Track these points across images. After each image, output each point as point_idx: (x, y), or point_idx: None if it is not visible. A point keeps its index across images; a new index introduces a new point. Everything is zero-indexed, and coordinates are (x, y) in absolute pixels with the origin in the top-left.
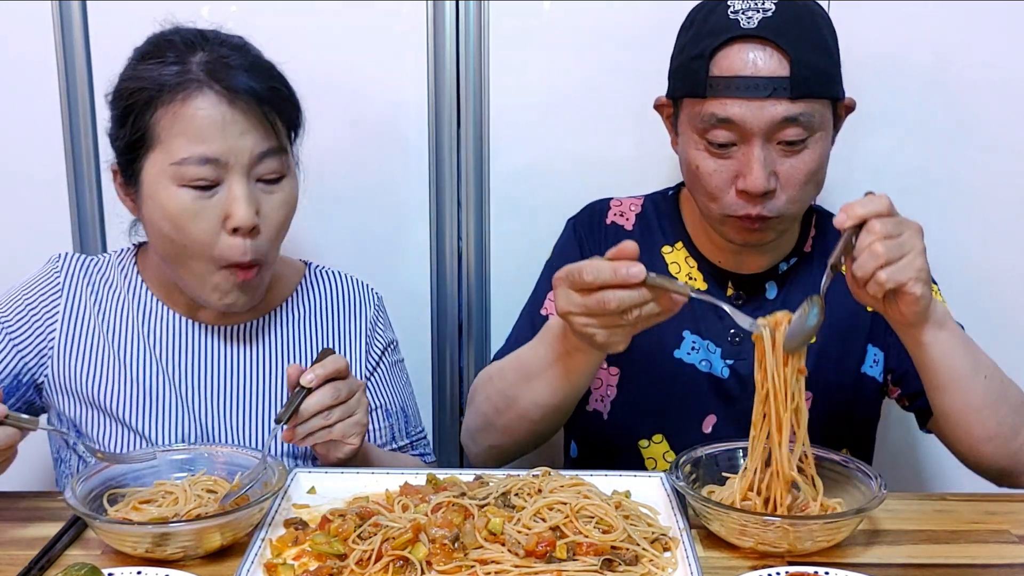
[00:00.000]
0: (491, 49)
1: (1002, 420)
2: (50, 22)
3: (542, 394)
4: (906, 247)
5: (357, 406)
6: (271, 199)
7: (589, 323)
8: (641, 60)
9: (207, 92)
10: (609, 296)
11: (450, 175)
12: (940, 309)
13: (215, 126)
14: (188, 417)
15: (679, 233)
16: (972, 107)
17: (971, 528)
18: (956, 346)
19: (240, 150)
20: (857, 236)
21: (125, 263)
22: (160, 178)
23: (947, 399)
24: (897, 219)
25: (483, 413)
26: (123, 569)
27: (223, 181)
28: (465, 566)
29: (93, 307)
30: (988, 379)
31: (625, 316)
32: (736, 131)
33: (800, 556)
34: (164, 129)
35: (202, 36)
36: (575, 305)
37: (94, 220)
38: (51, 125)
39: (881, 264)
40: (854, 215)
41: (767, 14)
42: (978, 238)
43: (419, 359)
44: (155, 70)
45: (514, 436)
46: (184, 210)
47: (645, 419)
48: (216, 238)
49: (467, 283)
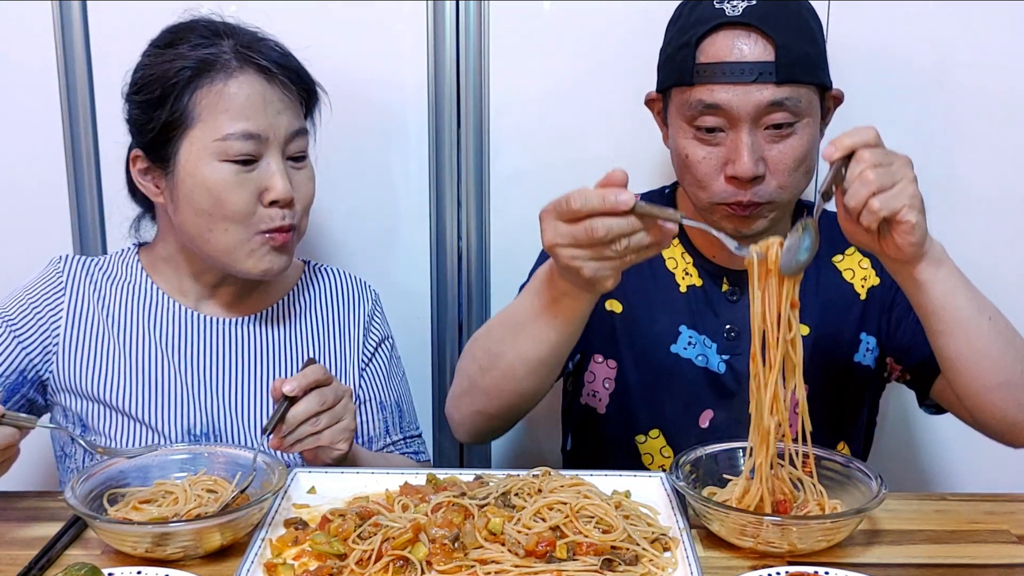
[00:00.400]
0: (491, 49)
1: (1011, 365)
2: (50, 22)
3: (528, 347)
4: (897, 175)
5: (344, 412)
6: (299, 174)
7: (577, 254)
8: (641, 60)
9: (247, 70)
10: (597, 224)
11: (450, 175)
12: (937, 246)
13: (258, 103)
14: (195, 409)
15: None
16: (972, 107)
17: (971, 528)
18: (957, 284)
19: (278, 127)
20: (847, 168)
21: (128, 260)
22: (202, 154)
23: (952, 343)
24: (885, 150)
25: (468, 374)
26: (123, 569)
27: (262, 156)
28: (465, 566)
29: (97, 303)
30: (993, 321)
31: (614, 246)
32: (724, 116)
33: (800, 556)
34: (206, 108)
35: (224, 24)
36: (562, 236)
37: (94, 220)
38: (51, 125)
39: (873, 191)
40: (842, 146)
41: (751, 2)
42: (978, 238)
43: (419, 359)
44: (189, 52)
45: (499, 398)
46: (226, 182)
47: (641, 414)
48: (254, 208)
49: (467, 283)
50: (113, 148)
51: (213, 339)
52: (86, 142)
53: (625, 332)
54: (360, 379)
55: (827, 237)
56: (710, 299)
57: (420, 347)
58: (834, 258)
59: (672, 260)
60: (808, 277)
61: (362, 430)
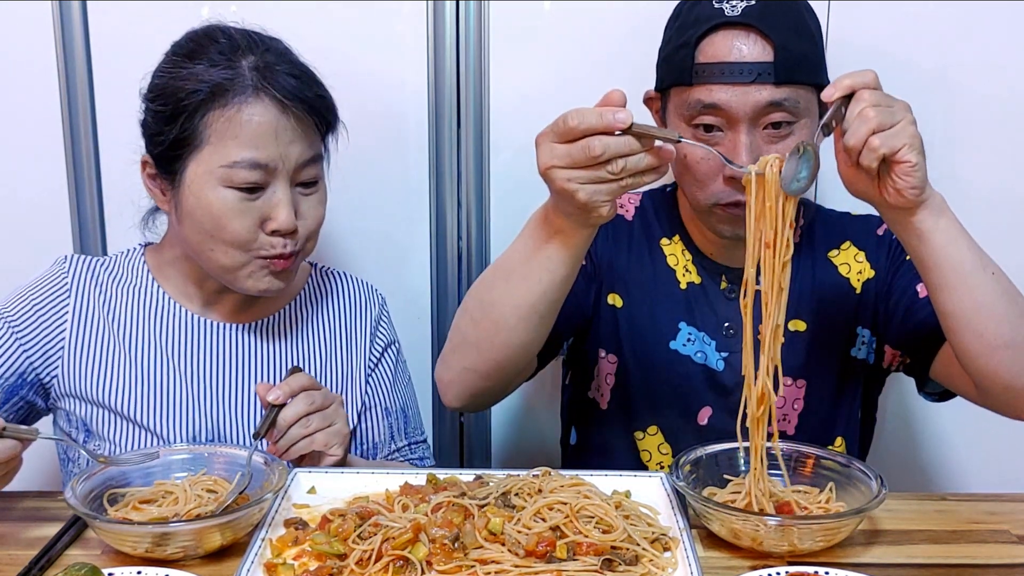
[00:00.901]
0: (491, 49)
1: (1016, 324)
2: (50, 22)
3: (520, 292)
4: (897, 116)
5: (335, 416)
6: (308, 200)
7: (572, 176)
8: (641, 60)
9: (263, 98)
10: (595, 142)
11: (450, 175)
12: (937, 196)
13: (268, 133)
14: (200, 415)
15: (676, 227)
16: (972, 108)
17: (971, 528)
18: (958, 235)
19: (288, 156)
20: (847, 108)
21: (135, 262)
22: (207, 178)
23: (954, 298)
24: (884, 92)
25: (460, 328)
26: (123, 569)
27: (269, 185)
28: (465, 566)
29: (102, 307)
30: (996, 276)
31: (610, 167)
32: (722, 116)
33: (800, 556)
34: (216, 132)
35: (248, 37)
36: (558, 157)
37: (94, 221)
38: (51, 125)
39: (873, 129)
40: (842, 86)
41: (751, 2)
42: (977, 239)
43: (419, 360)
44: (205, 72)
45: (489, 351)
46: (229, 209)
47: (641, 410)
48: (256, 235)
49: (467, 283)
50: (113, 148)
51: (219, 345)
52: (86, 142)
53: (626, 327)
54: (366, 384)
55: (823, 233)
56: (709, 296)
57: (420, 347)
58: (829, 253)
59: (673, 257)
60: (804, 272)
61: (367, 436)
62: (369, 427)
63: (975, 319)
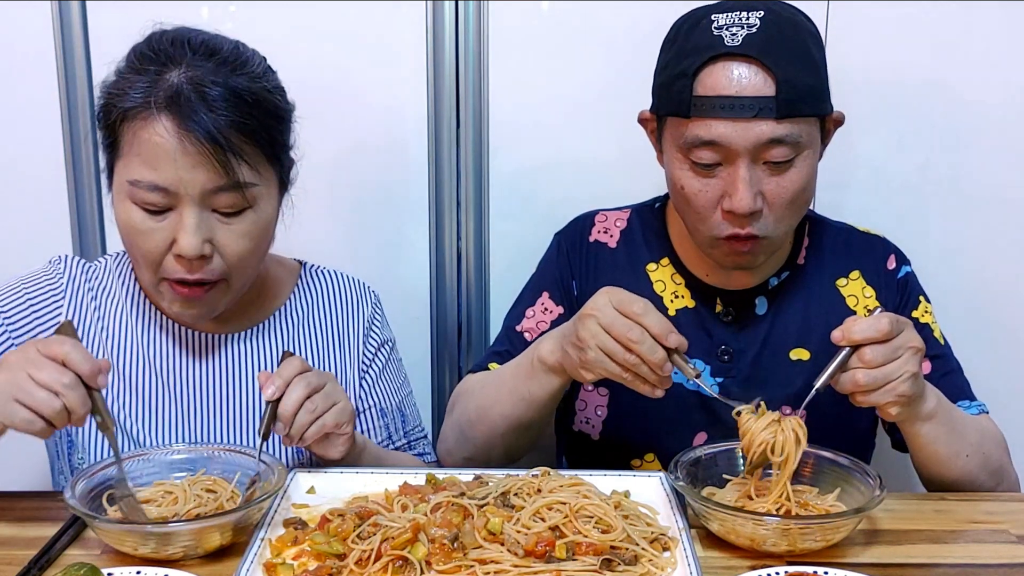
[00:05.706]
0: (491, 49)
1: (974, 480)
2: (50, 22)
3: (506, 407)
4: (893, 374)
5: (336, 393)
6: (228, 230)
7: (596, 332)
8: (641, 61)
9: (163, 119)
10: (636, 330)
11: (450, 175)
12: (929, 404)
13: (166, 156)
14: (187, 425)
15: (665, 249)
16: (971, 108)
17: (971, 528)
18: (939, 436)
19: (191, 183)
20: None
21: (123, 270)
22: (120, 191)
23: (925, 470)
24: (894, 344)
25: (459, 424)
26: (123, 569)
27: (175, 208)
28: (464, 566)
29: (93, 315)
30: (969, 457)
31: (628, 356)
32: (721, 151)
33: (800, 556)
34: (126, 144)
35: (187, 48)
36: (604, 314)
37: (93, 222)
38: (51, 126)
39: (861, 390)
40: (850, 339)
41: (751, 30)
42: (977, 239)
43: (418, 360)
44: (126, 84)
45: (486, 449)
46: (135, 226)
47: (636, 439)
48: (162, 256)
49: (467, 283)
50: None
51: (209, 356)
52: (86, 143)
53: None
54: (359, 385)
55: (831, 258)
56: (703, 320)
57: (420, 347)
58: (837, 282)
59: (660, 283)
60: (810, 300)
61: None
62: (366, 428)
63: (939, 480)
